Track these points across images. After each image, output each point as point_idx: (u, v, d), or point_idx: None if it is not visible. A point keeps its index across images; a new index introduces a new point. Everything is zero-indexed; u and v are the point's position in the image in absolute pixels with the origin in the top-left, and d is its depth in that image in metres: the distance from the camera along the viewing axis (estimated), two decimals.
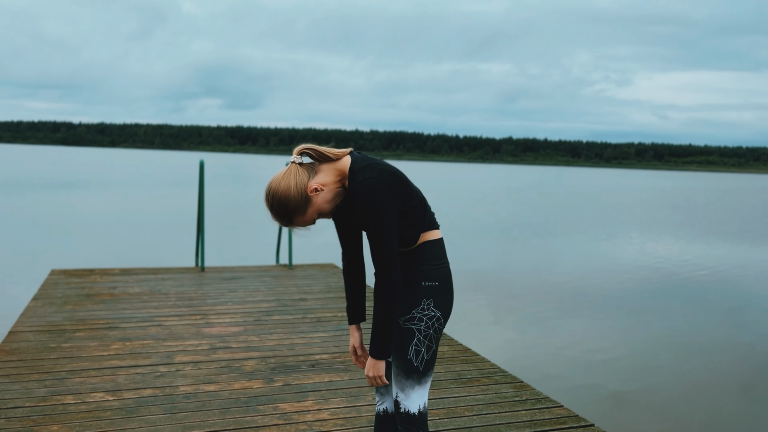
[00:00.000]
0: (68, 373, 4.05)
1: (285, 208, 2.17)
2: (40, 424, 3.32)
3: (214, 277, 7.26)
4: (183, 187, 33.73)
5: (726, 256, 15.45)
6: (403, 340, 2.28)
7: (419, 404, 2.31)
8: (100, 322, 5.22)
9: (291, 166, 2.19)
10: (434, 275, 2.28)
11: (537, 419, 3.62)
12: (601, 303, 9.85)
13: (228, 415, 3.52)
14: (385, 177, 2.16)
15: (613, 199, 38.07)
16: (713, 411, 5.69)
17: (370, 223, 2.13)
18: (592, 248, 16.21)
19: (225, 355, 4.54)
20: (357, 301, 2.43)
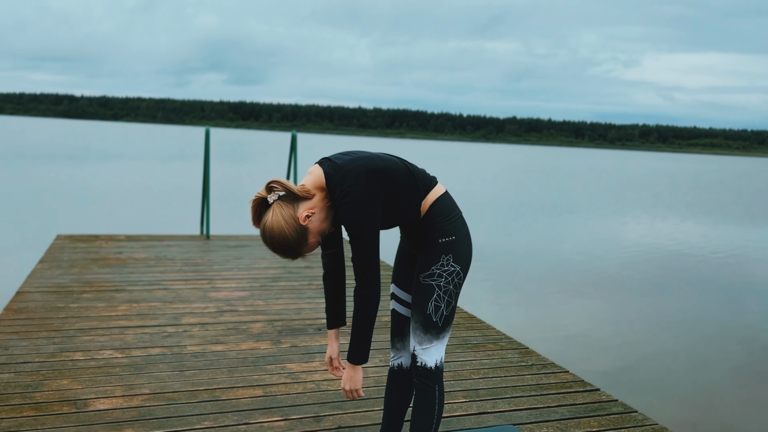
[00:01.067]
0: (77, 332, 4.08)
1: (287, 246, 2.13)
2: (50, 378, 3.35)
3: (220, 244, 7.27)
4: (187, 159, 33.69)
5: (730, 238, 15.44)
6: (422, 296, 2.28)
7: (436, 358, 2.32)
8: (106, 285, 5.24)
9: (274, 206, 2.11)
10: (449, 230, 2.28)
11: (543, 383, 3.65)
12: (604, 281, 9.87)
13: (236, 374, 3.54)
14: (363, 182, 2.11)
15: (617, 179, 37.97)
16: (711, 385, 5.73)
17: (353, 231, 2.12)
18: (596, 227, 16.20)
19: (232, 317, 4.56)
20: (338, 304, 2.40)
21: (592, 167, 53.94)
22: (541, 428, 3.07)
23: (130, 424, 2.90)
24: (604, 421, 3.17)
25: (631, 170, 52.02)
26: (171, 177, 23.34)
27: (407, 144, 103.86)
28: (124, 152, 39.08)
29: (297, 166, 7.92)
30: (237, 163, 33.66)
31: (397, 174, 2.20)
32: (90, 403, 3.09)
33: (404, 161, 2.29)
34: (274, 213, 2.09)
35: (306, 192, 2.14)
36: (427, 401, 2.32)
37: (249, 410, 3.10)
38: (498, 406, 3.31)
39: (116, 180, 21.14)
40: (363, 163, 2.16)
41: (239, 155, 42.83)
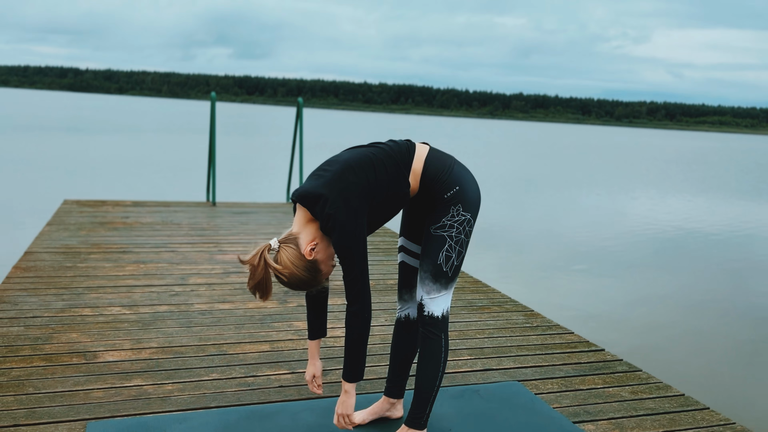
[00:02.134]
0: (85, 289, 4.11)
1: (304, 284, 2.18)
2: (59, 332, 3.38)
3: (226, 211, 7.28)
4: (192, 133, 33.64)
5: (737, 215, 15.38)
6: (433, 247, 2.28)
7: (443, 308, 2.32)
8: (114, 246, 5.26)
9: (279, 251, 2.15)
10: (450, 183, 2.26)
11: (547, 343, 3.66)
12: (610, 256, 9.86)
13: (243, 330, 3.57)
14: (340, 204, 2.10)
15: (623, 156, 37.77)
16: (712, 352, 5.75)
17: (340, 252, 2.13)
18: (601, 203, 16.15)
19: (238, 278, 4.58)
20: (320, 316, 2.43)
21: (599, 144, 53.64)
22: (545, 384, 3.09)
23: (138, 375, 2.93)
24: (609, 379, 3.19)
25: (636, 148, 51.72)
26: (176, 148, 23.34)
27: (412, 120, 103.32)
28: (130, 125, 39.04)
29: (303, 135, 7.89)
30: (242, 136, 33.60)
31: (372, 177, 2.17)
32: (99, 354, 3.12)
33: (378, 149, 2.24)
34: (281, 259, 2.14)
35: (299, 233, 2.17)
36: (433, 350, 2.33)
37: (256, 364, 3.13)
38: (503, 363, 3.33)
39: (122, 150, 21.15)
40: (336, 185, 2.14)
41: (245, 128, 42.73)
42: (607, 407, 2.87)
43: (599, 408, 2.86)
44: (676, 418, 2.81)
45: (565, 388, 3.06)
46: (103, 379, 2.86)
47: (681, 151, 49.28)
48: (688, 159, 38.12)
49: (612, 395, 3.00)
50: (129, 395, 2.73)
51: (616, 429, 2.67)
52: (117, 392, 2.75)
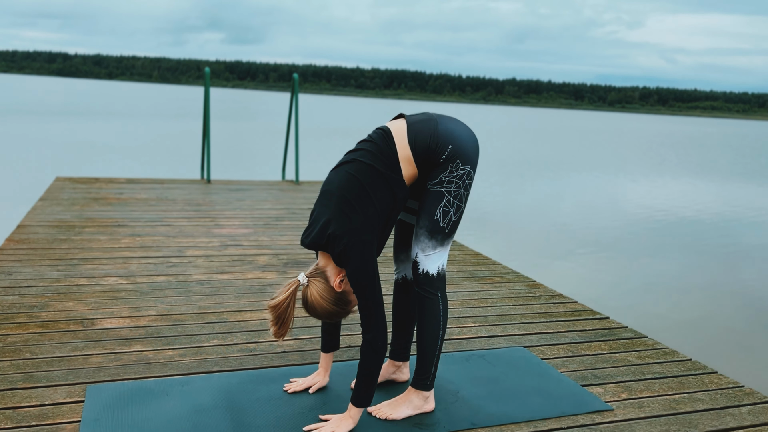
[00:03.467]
0: (80, 261, 4.03)
1: (334, 315, 2.21)
2: (55, 300, 3.31)
3: (221, 188, 7.20)
4: (184, 118, 33.38)
5: (727, 199, 15.42)
6: (430, 202, 2.21)
7: (438, 265, 2.26)
8: (108, 221, 5.18)
9: (309, 286, 2.17)
10: (442, 144, 2.18)
11: (551, 311, 3.62)
12: (603, 239, 9.85)
13: (243, 299, 3.51)
14: (347, 240, 2.08)
15: (616, 140, 37.79)
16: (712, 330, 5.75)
17: (353, 281, 2.11)
18: (595, 187, 16.15)
19: (236, 251, 4.51)
20: (335, 328, 2.45)
21: (591, 128, 53.62)
22: (551, 350, 3.05)
23: (138, 341, 2.86)
24: (615, 345, 3.16)
25: (628, 132, 51.76)
26: (169, 132, 23.13)
27: (405, 105, 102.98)
28: (121, 109, 38.67)
29: (299, 112, 7.78)
30: (235, 120, 33.35)
31: (371, 207, 2.11)
32: (97, 322, 3.05)
33: (363, 164, 2.15)
34: (311, 293, 2.17)
35: (325, 266, 2.19)
36: (432, 309, 2.27)
37: (257, 330, 3.07)
38: (507, 330, 3.29)
39: (114, 133, 20.93)
40: (339, 222, 2.09)
41: (237, 113, 42.42)
42: (615, 371, 2.84)
43: (607, 372, 2.83)
44: (685, 381, 2.77)
45: (571, 353, 3.03)
46: (102, 345, 2.79)
47: (675, 136, 49.36)
48: (684, 143, 38.19)
49: (619, 360, 2.97)
50: (129, 360, 2.67)
51: (625, 392, 2.64)
52: (116, 357, 2.69)
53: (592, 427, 2.33)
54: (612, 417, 2.42)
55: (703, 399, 2.61)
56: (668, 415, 2.46)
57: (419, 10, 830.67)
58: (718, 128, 77.76)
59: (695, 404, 2.56)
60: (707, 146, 36.07)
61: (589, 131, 47.17)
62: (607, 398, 2.57)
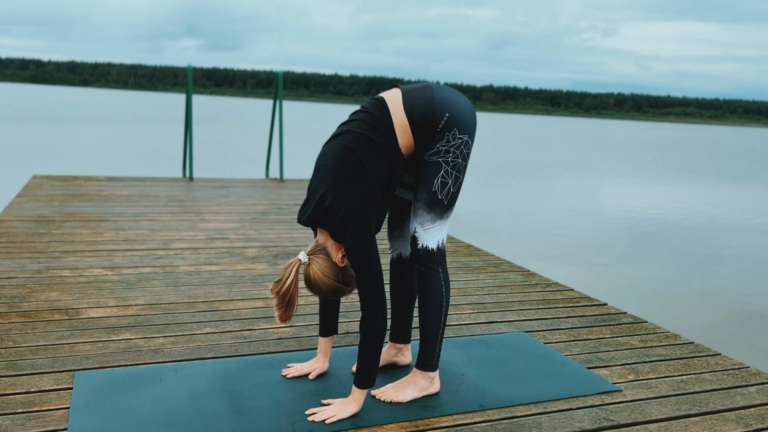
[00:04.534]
0: (62, 253, 3.88)
1: (337, 291, 2.13)
2: (37, 291, 3.17)
3: (204, 185, 7.06)
4: (163, 123, 33.00)
5: (702, 204, 15.60)
6: (428, 174, 2.13)
7: (438, 239, 2.19)
8: (90, 216, 5.02)
9: (311, 263, 2.09)
10: (437, 114, 2.10)
11: (549, 299, 3.57)
12: (582, 242, 9.87)
13: (234, 289, 3.39)
14: (346, 212, 2.01)
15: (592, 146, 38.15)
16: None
17: (352, 257, 2.04)
18: (574, 191, 16.24)
19: (224, 243, 4.39)
20: (332, 312, 2.36)
21: (568, 133, 54.11)
22: (553, 335, 2.99)
23: (126, 329, 2.74)
24: (616, 329, 3.10)
25: (604, 137, 52.34)
26: (148, 135, 22.82)
27: None
28: (98, 115, 38.10)
29: (282, 107, 7.68)
30: (214, 125, 33.04)
31: (368, 178, 2.03)
32: (82, 311, 2.92)
33: (357, 134, 2.07)
34: (313, 271, 2.09)
35: (326, 242, 2.12)
36: (433, 285, 2.19)
37: (251, 318, 2.97)
38: (507, 316, 3.22)
39: (92, 137, 20.58)
40: (336, 196, 2.02)
41: (215, 119, 42.06)
42: (619, 354, 2.78)
43: (611, 355, 2.77)
44: (690, 363, 2.73)
45: (573, 338, 2.96)
46: (89, 334, 2.67)
47: (652, 141, 49.99)
48: (660, 148, 38.68)
49: (622, 344, 2.91)
50: (118, 348, 2.55)
51: (631, 373, 2.58)
52: (105, 345, 2.56)
53: (603, 408, 2.27)
54: (621, 398, 2.35)
55: (711, 379, 2.56)
56: (678, 395, 2.40)
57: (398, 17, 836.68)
58: (692, 133, 79.00)
59: (703, 384, 2.51)
60: (684, 150, 36.56)
61: (566, 136, 47.58)
62: (614, 380, 2.51)
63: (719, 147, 44.23)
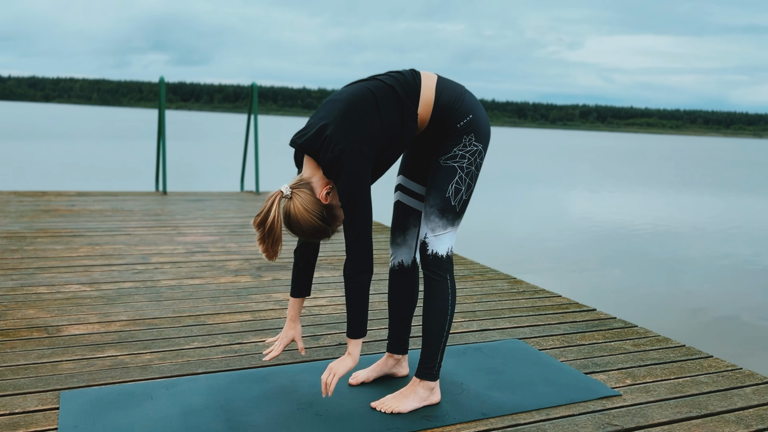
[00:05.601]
0: (36, 270, 3.75)
1: (319, 231, 2.02)
2: (13, 309, 3.04)
3: (179, 199, 6.92)
4: (132, 138, 32.50)
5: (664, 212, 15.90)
6: (442, 178, 2.11)
7: (448, 246, 2.16)
8: (62, 231, 4.87)
9: (293, 197, 1.98)
10: (463, 111, 2.10)
11: (538, 305, 3.55)
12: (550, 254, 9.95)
13: (219, 302, 3.31)
14: (345, 147, 1.93)
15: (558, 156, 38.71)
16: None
17: (343, 197, 1.97)
18: (543, 201, 16.41)
19: (204, 257, 4.29)
20: (306, 273, 2.26)
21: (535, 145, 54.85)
22: (546, 341, 2.97)
23: (111, 346, 2.64)
24: (608, 334, 3.10)
25: (571, 148, 53.18)
26: (117, 150, 22.41)
27: None
28: (63, 131, 37.36)
29: (257, 119, 7.60)
30: (184, 139, 32.65)
31: (377, 120, 1.99)
32: (63, 328, 2.81)
33: (381, 83, 2.05)
34: (295, 205, 1.97)
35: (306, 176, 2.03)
36: (440, 292, 2.16)
37: (240, 332, 2.88)
38: (499, 324, 3.19)
39: (58, 153, 20.13)
40: (340, 127, 1.96)
41: (185, 133, 41.58)
42: (614, 359, 2.77)
43: (606, 360, 2.76)
44: (684, 366, 2.73)
45: (567, 344, 2.95)
46: (72, 351, 2.56)
47: (618, 150, 50.91)
48: (627, 158, 39.40)
49: (615, 348, 2.91)
50: (104, 365, 2.44)
51: (628, 378, 2.57)
52: (89, 363, 2.46)
53: (604, 413, 2.24)
54: (621, 402, 2.33)
55: (707, 382, 2.56)
56: (677, 398, 2.39)
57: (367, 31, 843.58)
58: (655, 143, 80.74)
59: (700, 387, 2.51)
60: (650, 160, 37.31)
61: (534, 148, 48.20)
62: (612, 384, 2.49)
63: (682, 156, 45.26)
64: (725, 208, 14.95)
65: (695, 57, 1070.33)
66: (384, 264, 4.25)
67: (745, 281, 7.57)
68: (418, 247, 2.26)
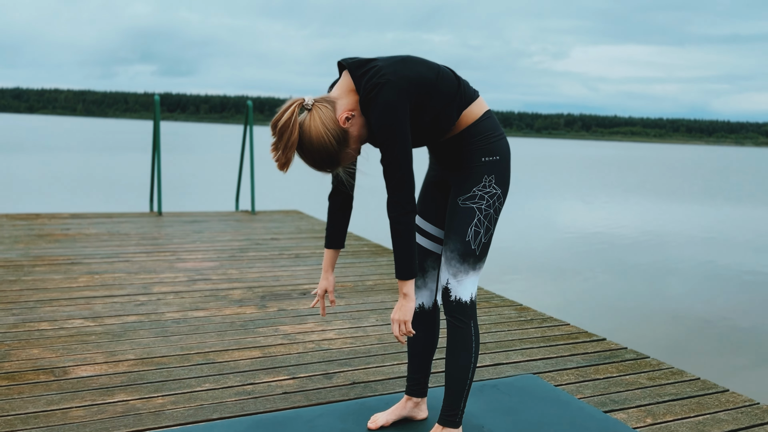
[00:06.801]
0: (37, 303, 3.67)
1: (325, 153, 1.92)
2: (17, 348, 2.96)
3: (175, 220, 6.84)
4: (120, 150, 32.27)
5: (650, 221, 16.00)
6: (461, 221, 2.07)
7: (472, 292, 2.12)
8: (60, 258, 4.79)
9: (313, 109, 1.91)
10: (493, 149, 2.07)
11: (548, 335, 3.53)
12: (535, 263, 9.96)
13: (226, 337, 3.25)
14: (393, 78, 1.89)
15: (544, 165, 38.92)
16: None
17: (383, 132, 1.90)
18: (527, 210, 16.46)
19: (207, 285, 4.23)
20: (342, 222, 2.21)
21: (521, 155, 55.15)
22: (561, 376, 2.94)
23: (121, 389, 2.57)
24: (622, 367, 3.07)
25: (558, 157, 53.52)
26: (105, 165, 22.22)
27: None
28: (49, 143, 37.01)
29: (253, 138, 7.55)
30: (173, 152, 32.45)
31: (433, 79, 1.96)
32: (70, 370, 2.74)
33: (452, 71, 2.06)
34: (313, 117, 1.89)
35: (338, 98, 1.97)
36: (464, 340, 2.12)
37: (251, 371, 2.83)
38: (511, 357, 3.16)
39: (46, 167, 19.91)
40: (393, 63, 1.94)
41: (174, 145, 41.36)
42: (631, 395, 2.75)
43: (623, 396, 2.73)
44: (703, 402, 2.71)
45: (582, 378, 2.92)
46: (81, 396, 2.49)
47: (605, 159, 51.27)
48: (613, 166, 39.67)
49: (631, 383, 2.88)
50: (115, 412, 2.38)
51: (649, 416, 2.54)
52: (100, 409, 2.39)
53: None
54: None
55: (727, 419, 2.54)
56: None
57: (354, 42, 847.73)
58: (639, 152, 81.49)
59: (721, 425, 2.49)
60: (637, 168, 37.61)
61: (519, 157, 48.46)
62: (633, 423, 2.47)
63: (667, 164, 45.69)
64: (714, 217, 15.07)
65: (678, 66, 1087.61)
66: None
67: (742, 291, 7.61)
68: (440, 293, 2.22)
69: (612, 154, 65.73)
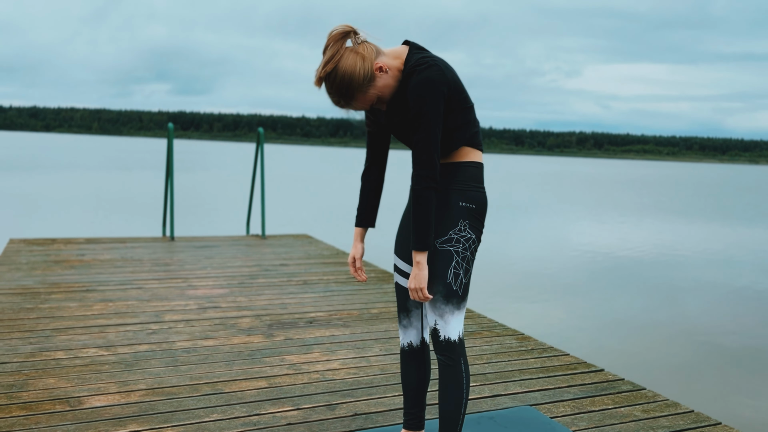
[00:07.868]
0: (53, 331, 3.81)
1: (348, 85, 2.07)
2: (34, 377, 3.10)
3: (186, 245, 7.00)
4: (133, 170, 32.69)
5: (664, 239, 15.98)
6: (440, 264, 2.18)
7: (459, 330, 2.22)
8: (75, 285, 4.94)
9: (358, 45, 2.08)
10: (473, 197, 2.19)
11: (547, 366, 3.61)
12: (549, 282, 10.01)
13: (234, 367, 3.36)
14: (441, 65, 2.09)
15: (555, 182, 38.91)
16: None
17: (417, 104, 2.06)
18: (540, 229, 16.49)
19: (216, 313, 4.36)
20: (373, 202, 2.37)
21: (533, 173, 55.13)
22: (558, 408, 3.02)
23: (133, 420, 2.69)
24: (617, 399, 3.16)
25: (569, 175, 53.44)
26: (118, 185, 22.55)
27: (351, 153, 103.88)
28: (64, 162, 37.56)
29: (264, 163, 7.72)
30: (185, 172, 32.84)
31: (465, 94, 2.16)
32: (84, 400, 2.86)
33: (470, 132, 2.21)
34: (357, 49, 2.08)
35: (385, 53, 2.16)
36: (455, 377, 2.22)
37: (257, 401, 2.94)
38: (510, 388, 3.25)
39: (62, 188, 20.26)
40: (444, 63, 2.14)
41: (184, 164, 41.84)
42: (625, 428, 2.83)
43: (617, 429, 2.81)
44: None
45: (578, 410, 3.00)
46: (95, 427, 2.61)
47: (617, 178, 51.16)
48: (625, 185, 39.59)
49: (625, 415, 2.96)
50: None
51: None
52: None
53: None
54: None
55: None
56: None
57: None
58: (652, 170, 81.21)
59: None
60: (651, 187, 37.51)
61: (531, 175, 48.45)
62: None
63: (681, 183, 45.54)
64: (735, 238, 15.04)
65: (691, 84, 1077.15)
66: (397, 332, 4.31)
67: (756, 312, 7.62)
68: (428, 334, 2.32)
69: (626, 173, 65.56)
